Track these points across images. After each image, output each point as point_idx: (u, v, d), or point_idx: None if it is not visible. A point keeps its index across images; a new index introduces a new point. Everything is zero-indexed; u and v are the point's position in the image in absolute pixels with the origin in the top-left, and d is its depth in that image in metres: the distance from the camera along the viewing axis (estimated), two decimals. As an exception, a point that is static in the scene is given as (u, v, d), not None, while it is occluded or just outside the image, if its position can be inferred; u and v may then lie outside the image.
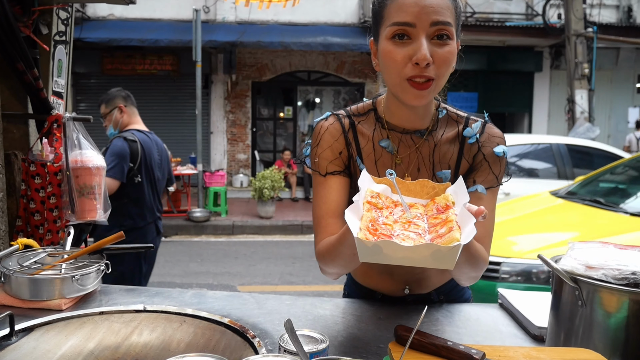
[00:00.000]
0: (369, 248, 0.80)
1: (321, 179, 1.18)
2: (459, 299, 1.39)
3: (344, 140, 1.20)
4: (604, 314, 0.94)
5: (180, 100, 10.98)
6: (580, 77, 9.69)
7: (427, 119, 1.18)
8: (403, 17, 1.01)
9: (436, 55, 1.01)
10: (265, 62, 11.41)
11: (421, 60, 0.99)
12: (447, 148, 1.18)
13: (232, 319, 1.16)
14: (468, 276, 1.11)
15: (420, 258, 0.80)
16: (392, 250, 0.79)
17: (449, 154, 1.18)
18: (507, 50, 11.61)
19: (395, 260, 0.81)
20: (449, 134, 1.19)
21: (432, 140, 1.18)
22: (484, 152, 1.17)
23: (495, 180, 1.17)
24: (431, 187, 1.01)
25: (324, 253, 1.10)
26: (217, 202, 8.94)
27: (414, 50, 1.00)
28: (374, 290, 1.35)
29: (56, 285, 1.15)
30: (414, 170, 1.18)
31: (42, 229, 1.42)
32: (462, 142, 1.19)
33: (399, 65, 1.02)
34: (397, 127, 1.19)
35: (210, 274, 5.98)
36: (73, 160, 1.40)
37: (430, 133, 1.18)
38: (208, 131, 11.37)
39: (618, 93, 12.41)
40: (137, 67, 10.85)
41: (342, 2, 11.12)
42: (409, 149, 1.18)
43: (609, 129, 12.45)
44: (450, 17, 1.02)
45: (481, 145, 1.18)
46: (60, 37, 1.61)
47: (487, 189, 1.16)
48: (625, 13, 12.08)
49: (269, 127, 12.19)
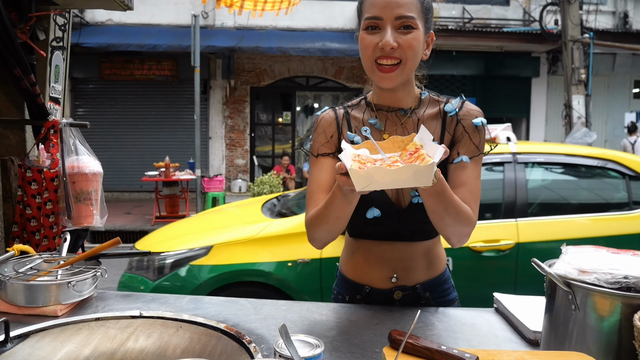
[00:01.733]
0: (362, 176, 0.94)
1: (314, 159, 1.36)
2: (444, 297, 1.42)
3: (336, 125, 1.37)
4: (597, 318, 0.95)
5: (179, 106, 11.00)
6: (577, 82, 9.72)
7: (409, 99, 1.34)
8: (373, 12, 1.21)
9: (401, 40, 1.21)
10: (263, 67, 11.44)
11: (385, 45, 1.19)
12: (430, 123, 1.32)
13: (229, 324, 1.16)
14: (454, 231, 1.22)
15: (404, 179, 0.95)
16: (381, 175, 0.94)
17: (432, 128, 1.31)
18: (504, 56, 11.66)
19: (384, 184, 0.96)
20: (431, 112, 1.34)
21: (415, 117, 1.34)
22: (464, 124, 1.31)
23: (477, 149, 1.30)
24: (400, 140, 1.13)
25: (312, 219, 1.25)
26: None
27: (381, 37, 1.21)
28: (362, 284, 1.39)
29: (52, 291, 1.15)
30: None
31: (39, 235, 1.42)
32: (444, 118, 1.33)
33: (369, 50, 1.23)
34: (384, 106, 1.35)
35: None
36: (70, 166, 1.40)
37: (413, 111, 1.35)
38: (207, 136, 11.38)
39: (615, 98, 12.45)
40: (136, 72, 10.86)
41: (341, 8, 11.16)
42: (395, 125, 1.34)
43: (606, 134, 12.48)
44: (414, 12, 1.21)
45: (460, 119, 1.32)
46: (57, 42, 1.61)
47: (470, 158, 1.29)
48: (621, 19, 12.14)
49: (267, 132, 12.21)
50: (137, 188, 10.69)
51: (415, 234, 1.34)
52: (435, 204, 1.14)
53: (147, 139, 11.31)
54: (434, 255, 1.40)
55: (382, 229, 1.33)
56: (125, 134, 11.23)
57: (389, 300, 1.37)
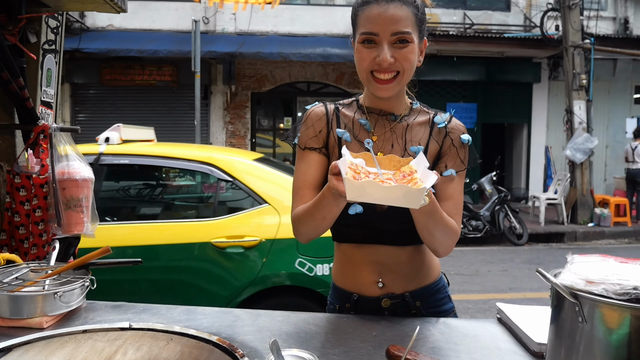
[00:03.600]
0: (355, 187, 0.97)
1: (301, 153, 1.37)
2: (438, 308, 1.40)
3: (326, 121, 1.38)
4: (605, 331, 0.91)
5: (180, 111, 10.97)
6: (578, 87, 9.69)
7: (400, 106, 1.38)
8: (369, 27, 1.24)
9: (398, 55, 1.23)
10: (264, 72, 11.42)
11: (383, 62, 1.23)
12: (418, 130, 1.37)
13: (222, 336, 1.12)
14: (441, 243, 1.26)
15: (394, 197, 0.98)
16: (374, 190, 0.97)
17: (419, 135, 1.36)
18: (505, 62, 11.64)
19: (375, 199, 0.98)
20: (420, 120, 1.38)
21: (405, 123, 1.37)
22: (452, 138, 1.36)
23: (462, 164, 1.36)
24: (397, 161, 1.15)
25: (299, 216, 1.27)
26: (215, 213, 8.88)
27: (378, 53, 1.23)
28: (350, 292, 1.38)
29: (38, 302, 1.11)
30: (388, 146, 1.35)
31: (27, 243, 1.38)
32: (432, 127, 1.37)
33: (365, 63, 1.25)
34: (375, 109, 1.38)
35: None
36: (59, 172, 1.36)
37: (403, 117, 1.38)
38: (207, 142, 11.34)
39: (615, 104, 12.41)
40: (136, 77, 10.84)
41: (342, 14, 11.16)
42: (384, 129, 1.36)
43: (607, 139, 12.44)
44: (409, 26, 1.23)
45: (449, 131, 1.36)
46: (49, 45, 1.58)
47: (457, 172, 1.34)
48: (622, 25, 12.12)
49: (269, 138, 12.18)
50: (137, 194, 10.65)
51: (398, 236, 1.33)
52: (426, 221, 1.19)
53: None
54: (423, 263, 1.39)
55: (364, 230, 1.32)
56: (126, 140, 11.20)
57: (378, 308, 1.35)
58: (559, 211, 9.68)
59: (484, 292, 5.83)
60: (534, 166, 12.25)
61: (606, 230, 9.17)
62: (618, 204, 9.63)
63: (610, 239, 9.10)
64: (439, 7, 11.27)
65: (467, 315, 4.95)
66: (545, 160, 11.28)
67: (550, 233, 9.06)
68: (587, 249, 8.48)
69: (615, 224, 9.46)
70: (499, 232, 8.45)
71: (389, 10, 1.21)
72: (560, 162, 11.21)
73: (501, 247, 8.48)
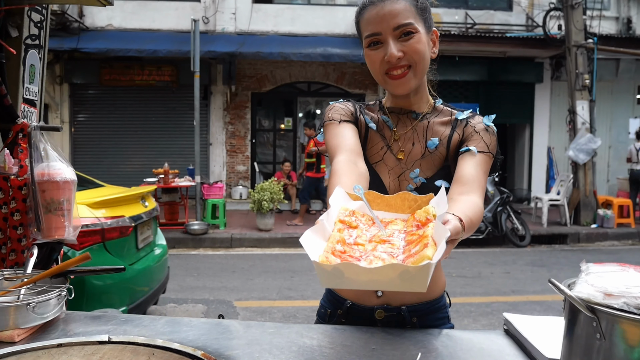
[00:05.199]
0: (328, 272, 0.72)
1: (335, 125, 1.31)
2: (435, 327, 1.31)
3: (354, 109, 1.37)
4: (626, 349, 0.82)
5: (179, 112, 10.90)
6: (581, 88, 9.60)
7: (422, 104, 1.35)
8: (371, 29, 1.23)
9: (405, 48, 1.21)
10: (265, 73, 11.35)
11: (391, 58, 1.20)
12: (439, 128, 1.34)
13: (208, 351, 1.04)
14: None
15: (387, 280, 0.73)
16: (355, 273, 0.72)
17: (440, 131, 1.33)
18: (507, 62, 11.55)
19: (359, 284, 0.74)
20: (442, 119, 1.35)
21: (426, 122, 1.34)
22: (474, 125, 1.31)
23: (487, 147, 1.26)
24: (413, 199, 0.97)
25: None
26: (215, 215, 8.81)
27: (385, 51, 1.21)
28: (344, 298, 1.33)
29: (9, 314, 1.02)
30: (409, 144, 1.33)
31: (5, 248, 1.30)
32: (454, 124, 1.34)
33: (376, 65, 1.24)
34: (396, 108, 1.36)
35: (207, 288, 5.84)
36: (39, 173, 1.28)
37: (425, 116, 1.35)
38: (207, 142, 11.27)
39: (618, 104, 12.32)
40: (136, 77, 10.77)
41: (343, 13, 11.08)
42: (405, 128, 1.35)
43: (610, 140, 12.34)
44: (410, 17, 1.21)
45: (470, 121, 1.32)
46: (32, 40, 1.50)
47: (479, 152, 1.25)
48: (625, 25, 12.03)
49: (269, 139, 12.10)
50: (137, 194, 10.55)
51: None
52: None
53: (147, 145, 11.21)
54: None
55: None
56: (125, 140, 11.13)
57: (370, 319, 1.28)
58: (561, 212, 9.59)
59: (486, 294, 5.74)
60: (536, 167, 12.16)
61: (609, 231, 9.08)
62: (621, 205, 9.54)
63: (613, 241, 9.01)
64: (441, 6, 11.19)
65: (469, 319, 4.86)
66: (548, 161, 11.19)
67: (553, 234, 8.96)
68: (591, 250, 8.38)
69: (618, 225, 9.36)
70: (501, 234, 8.36)
71: (385, 7, 1.21)
72: (563, 162, 11.12)
73: (503, 248, 8.39)
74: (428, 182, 1.32)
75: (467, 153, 1.25)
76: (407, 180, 1.32)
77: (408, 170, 1.33)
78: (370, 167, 1.33)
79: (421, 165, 1.32)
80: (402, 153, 1.32)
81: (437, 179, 1.32)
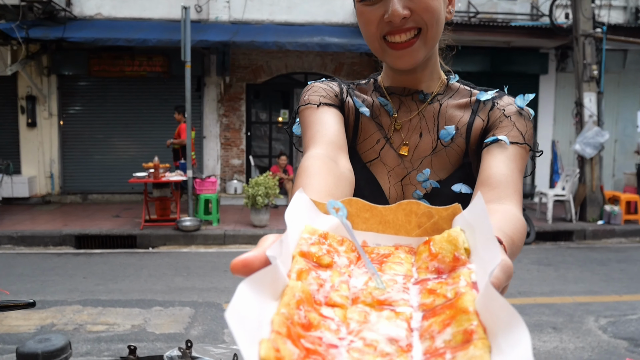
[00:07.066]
0: None
1: (313, 111, 0.98)
2: None
3: (339, 89, 1.04)
4: None
5: (171, 103, 10.52)
6: (588, 79, 9.25)
7: (431, 82, 1.03)
8: None
9: (413, 5, 0.88)
10: (260, 63, 10.98)
11: (394, 17, 0.87)
12: (456, 112, 1.01)
13: None
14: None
15: None
16: None
17: (457, 117, 1.01)
18: (511, 52, 11.19)
19: None
20: (459, 100, 1.03)
21: (437, 104, 1.02)
22: (503, 108, 0.98)
23: (521, 137, 0.94)
24: (424, 214, 0.58)
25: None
26: (208, 210, 8.49)
27: (385, 7, 0.89)
28: None
29: None
30: (415, 136, 1.01)
31: None
32: (475, 107, 1.01)
33: (372, 27, 0.92)
34: (397, 88, 1.03)
35: (196, 289, 5.52)
36: None
37: (435, 97, 1.02)
38: (201, 135, 10.92)
39: (625, 96, 11.97)
40: (126, 68, 10.39)
41: (341, 2, 10.69)
42: (410, 114, 1.03)
43: (617, 133, 12.00)
44: None
45: (497, 103, 0.99)
46: None
47: (511, 143, 0.92)
48: (633, 14, 11.66)
49: (265, 131, 11.74)
50: (128, 189, 10.22)
51: None
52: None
53: (138, 138, 10.86)
54: None
55: None
56: (116, 133, 10.78)
57: None
58: (566, 208, 9.26)
59: (491, 297, 5.42)
60: (541, 161, 11.84)
61: (617, 228, 8.76)
62: (629, 201, 9.22)
63: (621, 238, 8.69)
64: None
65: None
66: (552, 155, 10.86)
67: (559, 231, 8.65)
68: (598, 248, 8.07)
69: (626, 221, 9.04)
70: (505, 231, 8.03)
71: None
72: (567, 157, 10.80)
73: (508, 246, 8.07)
74: (442, 186, 0.99)
75: (495, 145, 0.92)
76: (413, 184, 1.00)
77: (414, 170, 1.00)
78: (362, 168, 1.00)
79: (432, 164, 1.00)
80: (406, 147, 1.01)
81: (454, 183, 0.99)
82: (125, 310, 4.79)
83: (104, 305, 4.91)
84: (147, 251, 7.50)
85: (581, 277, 6.17)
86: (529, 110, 0.99)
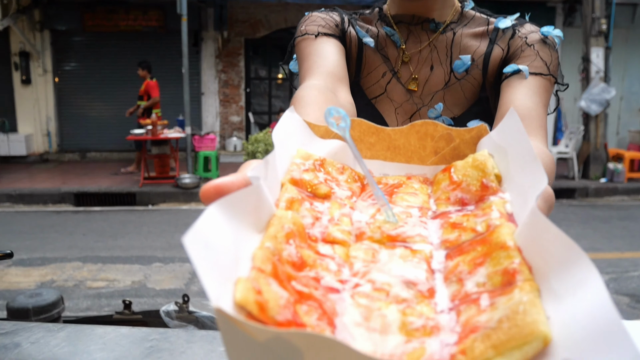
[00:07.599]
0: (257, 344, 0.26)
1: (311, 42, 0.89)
2: None
3: (340, 19, 0.94)
4: None
5: (168, 59, 10.28)
6: (597, 33, 8.99)
7: (444, 9, 0.92)
8: None
9: None
10: (258, 17, 10.66)
11: None
12: (471, 41, 0.91)
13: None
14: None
15: None
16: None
17: (473, 47, 0.91)
18: (517, 5, 10.83)
19: None
20: (475, 29, 0.92)
21: (450, 33, 0.92)
22: (525, 35, 0.87)
23: (545, 67, 0.83)
24: (442, 136, 0.49)
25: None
26: (207, 168, 8.41)
27: None
28: None
29: None
30: (426, 69, 0.92)
31: None
32: (493, 35, 0.90)
33: None
34: (405, 16, 0.92)
35: (196, 246, 5.50)
36: None
37: (449, 25, 0.92)
38: (199, 92, 10.72)
39: (633, 53, 11.67)
40: (121, 23, 10.09)
41: (342, -48, 10.29)
42: (419, 44, 0.92)
43: (622, 90, 11.76)
44: None
45: (518, 31, 0.89)
46: None
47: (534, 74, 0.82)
48: (644, -34, 11.25)
49: (264, 88, 11.52)
50: (127, 147, 10.10)
51: None
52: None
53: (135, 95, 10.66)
54: None
55: None
56: (112, 90, 10.56)
57: None
58: (569, 166, 9.18)
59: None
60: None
61: (619, 186, 8.70)
62: (633, 159, 9.12)
63: (623, 196, 8.65)
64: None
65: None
66: (556, 112, 10.69)
67: (561, 189, 8.59)
68: (600, 206, 8.03)
69: (629, 180, 8.98)
70: (507, 189, 7.99)
71: None
72: (571, 114, 10.63)
73: (509, 204, 8.04)
74: (456, 123, 0.90)
75: (516, 76, 0.83)
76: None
77: (425, 106, 0.92)
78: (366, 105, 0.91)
79: (445, 99, 0.91)
80: (415, 82, 0.92)
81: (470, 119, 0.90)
82: (125, 267, 4.78)
83: (104, 262, 4.90)
84: (146, 208, 7.47)
85: (583, 235, 6.14)
86: (554, 38, 0.88)
